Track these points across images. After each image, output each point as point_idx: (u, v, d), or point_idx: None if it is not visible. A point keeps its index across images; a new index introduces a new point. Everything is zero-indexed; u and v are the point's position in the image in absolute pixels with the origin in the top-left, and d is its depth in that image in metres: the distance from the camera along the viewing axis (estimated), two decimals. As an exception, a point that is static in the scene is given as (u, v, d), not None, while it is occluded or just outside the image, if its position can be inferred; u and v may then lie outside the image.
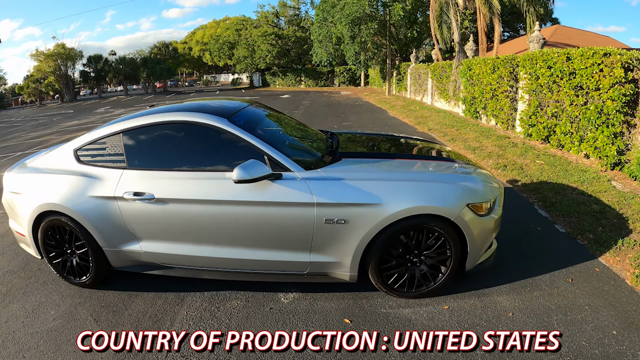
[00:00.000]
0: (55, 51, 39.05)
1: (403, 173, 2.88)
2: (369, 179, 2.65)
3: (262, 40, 35.87)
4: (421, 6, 21.72)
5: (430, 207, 2.55)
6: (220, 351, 2.44)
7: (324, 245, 2.65)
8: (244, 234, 2.71)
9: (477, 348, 2.33)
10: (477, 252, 2.77)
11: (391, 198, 2.53)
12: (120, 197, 2.77)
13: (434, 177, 2.82)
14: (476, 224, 2.66)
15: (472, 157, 6.66)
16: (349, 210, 2.54)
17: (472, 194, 2.70)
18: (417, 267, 2.77)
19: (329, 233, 2.60)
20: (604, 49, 5.47)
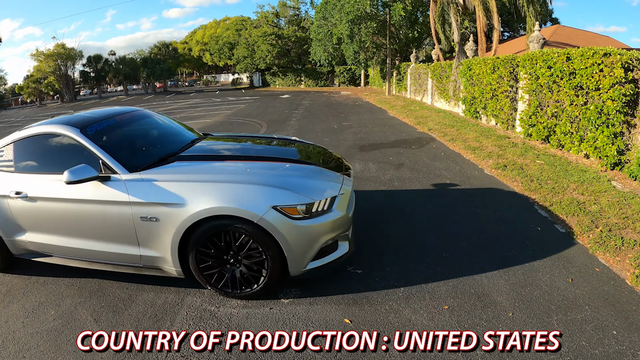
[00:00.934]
0: (55, 51, 39.06)
1: (216, 175, 2.96)
2: (179, 180, 2.84)
3: (262, 40, 35.87)
4: (421, 6, 21.71)
5: (229, 208, 2.62)
6: (220, 351, 2.44)
7: (147, 241, 2.87)
8: (85, 228, 3.06)
9: (477, 348, 2.34)
10: (300, 257, 2.75)
11: (194, 199, 2.67)
12: (7, 195, 3.20)
13: (243, 179, 2.86)
14: (289, 227, 2.65)
15: (472, 157, 6.67)
16: (158, 209, 2.74)
17: (280, 196, 2.69)
18: (236, 268, 2.84)
19: (147, 230, 2.82)
20: (604, 49, 5.47)
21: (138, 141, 3.56)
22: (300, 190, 2.78)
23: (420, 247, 3.60)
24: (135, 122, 3.83)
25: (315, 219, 2.75)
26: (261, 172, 3.04)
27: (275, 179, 2.90)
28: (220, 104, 21.58)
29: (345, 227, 2.98)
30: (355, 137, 9.24)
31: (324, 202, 2.81)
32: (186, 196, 2.70)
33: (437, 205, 4.59)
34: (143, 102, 29.19)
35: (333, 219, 2.82)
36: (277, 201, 2.66)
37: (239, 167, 3.17)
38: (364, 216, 4.36)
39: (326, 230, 2.80)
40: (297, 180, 2.94)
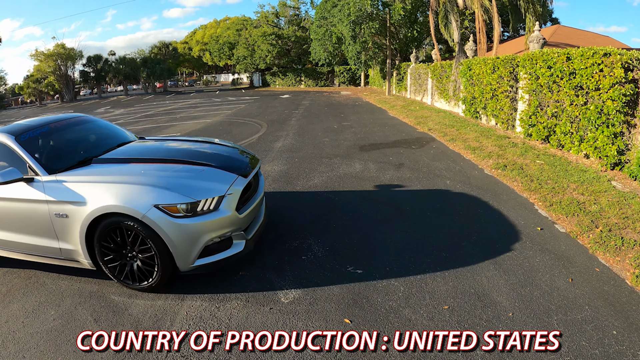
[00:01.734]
0: (55, 51, 39.06)
1: (115, 177, 3.21)
2: (85, 181, 3.14)
3: (262, 40, 35.87)
4: (421, 6, 21.72)
5: (118, 206, 2.89)
6: (221, 351, 2.44)
7: (63, 235, 3.17)
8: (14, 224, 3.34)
9: (477, 348, 2.34)
10: (186, 254, 2.95)
11: (93, 198, 2.98)
12: None
13: (134, 180, 3.09)
14: (171, 225, 2.88)
15: (472, 157, 6.68)
16: (67, 206, 3.06)
17: (162, 196, 2.91)
18: (134, 262, 3.09)
19: (61, 225, 3.13)
20: (604, 49, 5.47)
21: (64, 146, 3.83)
22: (183, 190, 2.99)
23: (420, 247, 3.60)
24: (69, 128, 4.09)
25: (199, 218, 2.95)
26: (152, 174, 3.23)
27: (163, 180, 3.11)
28: (220, 104, 21.59)
29: (236, 226, 3.16)
30: (355, 137, 9.24)
31: (210, 201, 3.01)
32: (87, 195, 3.01)
33: (437, 205, 4.58)
34: (143, 102, 29.19)
35: (218, 217, 3.01)
36: (160, 200, 2.89)
37: (137, 169, 3.35)
38: (364, 216, 4.37)
39: (211, 228, 2.99)
40: (183, 181, 3.14)
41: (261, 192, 3.77)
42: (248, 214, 3.32)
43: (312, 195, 5.14)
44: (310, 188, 5.42)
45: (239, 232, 3.19)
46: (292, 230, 4.09)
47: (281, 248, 3.71)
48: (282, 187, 5.51)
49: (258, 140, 9.48)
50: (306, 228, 4.12)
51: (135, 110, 21.95)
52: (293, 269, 3.32)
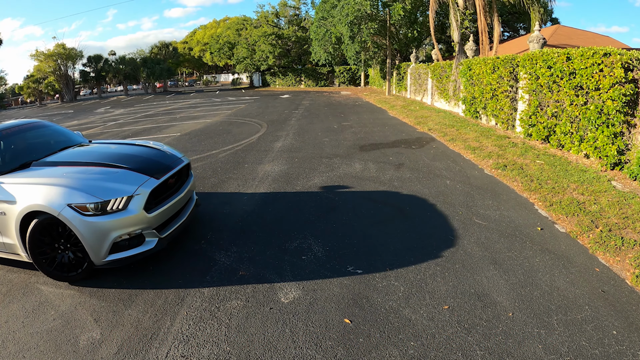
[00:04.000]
0: (56, 51, 39.06)
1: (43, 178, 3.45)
2: (19, 182, 3.40)
3: (262, 40, 35.86)
4: (421, 6, 21.71)
5: (39, 204, 3.17)
6: (221, 351, 2.44)
7: (4, 230, 3.42)
8: None
9: (477, 347, 2.34)
10: (96, 249, 3.21)
11: (22, 197, 3.26)
12: None
13: (55, 182, 3.33)
14: (81, 222, 3.15)
15: (472, 157, 6.68)
16: (3, 205, 3.33)
17: (74, 196, 3.19)
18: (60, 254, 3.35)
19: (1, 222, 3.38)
20: (604, 49, 5.47)
21: (9, 151, 4.01)
22: (93, 191, 3.25)
23: (420, 247, 3.60)
24: (20, 133, 4.31)
25: (107, 217, 3.21)
26: (71, 176, 3.48)
27: (78, 181, 3.36)
28: (220, 104, 21.58)
29: (145, 225, 3.37)
30: (355, 137, 9.24)
31: (119, 201, 3.26)
32: (19, 195, 3.29)
33: (437, 205, 4.58)
34: (143, 102, 29.18)
35: (126, 216, 3.25)
36: (72, 200, 3.17)
37: (61, 172, 3.59)
38: (364, 216, 4.37)
39: (118, 226, 3.23)
40: (95, 182, 3.38)
41: (183, 192, 3.92)
42: (160, 213, 3.50)
43: (312, 195, 5.14)
44: (310, 188, 5.42)
45: (150, 231, 3.39)
46: (292, 230, 4.09)
47: (281, 248, 3.71)
48: (282, 188, 5.51)
49: (258, 140, 9.48)
50: (306, 228, 4.12)
51: (135, 110, 21.94)
52: (293, 269, 3.32)
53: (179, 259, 3.59)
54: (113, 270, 3.45)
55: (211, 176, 6.29)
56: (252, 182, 5.83)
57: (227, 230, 4.16)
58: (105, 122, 16.43)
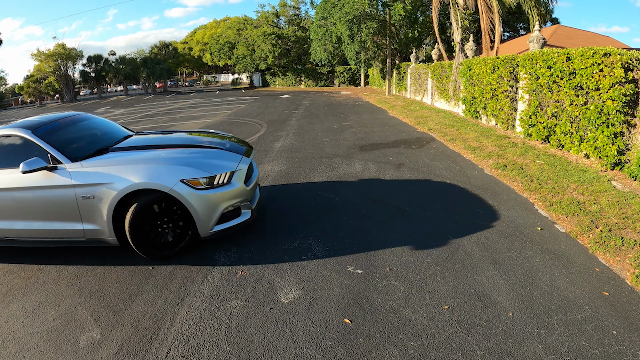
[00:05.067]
0: (56, 51, 39.06)
1: (138, 160, 3.61)
2: (110, 165, 3.52)
3: (262, 40, 35.86)
4: (421, 6, 21.71)
5: (147, 183, 3.33)
6: (221, 350, 2.44)
7: (89, 216, 3.49)
8: (36, 211, 3.59)
9: (477, 347, 2.34)
10: (206, 221, 3.49)
11: (120, 179, 3.36)
12: None
13: (159, 162, 3.57)
14: (195, 196, 3.40)
15: (472, 157, 6.68)
16: (94, 189, 3.41)
17: (186, 172, 3.44)
18: (163, 232, 3.56)
19: (88, 206, 3.46)
20: (604, 49, 5.47)
21: (76, 138, 4.14)
22: (202, 167, 3.53)
23: (420, 246, 3.60)
24: (75, 124, 4.41)
25: (216, 189, 3.49)
26: (173, 156, 3.72)
27: (184, 160, 3.62)
28: (220, 104, 21.59)
29: (245, 197, 3.72)
30: (355, 137, 9.24)
31: (224, 175, 3.58)
32: (114, 177, 3.38)
33: (437, 205, 4.58)
34: (143, 102, 29.18)
35: (231, 189, 3.58)
36: (184, 175, 3.41)
37: (157, 153, 3.80)
38: (364, 216, 4.37)
39: (226, 198, 3.54)
40: (200, 160, 3.67)
41: (256, 173, 4.30)
42: (252, 187, 3.89)
43: (312, 195, 5.14)
44: (310, 188, 5.42)
45: (246, 203, 3.75)
46: (292, 230, 4.09)
47: (281, 248, 3.71)
48: (283, 188, 5.50)
49: (258, 140, 9.48)
50: (306, 228, 4.12)
51: (135, 110, 21.95)
52: (293, 269, 3.32)
53: (179, 259, 3.59)
54: (113, 270, 3.46)
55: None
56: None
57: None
58: (105, 122, 16.40)
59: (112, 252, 3.79)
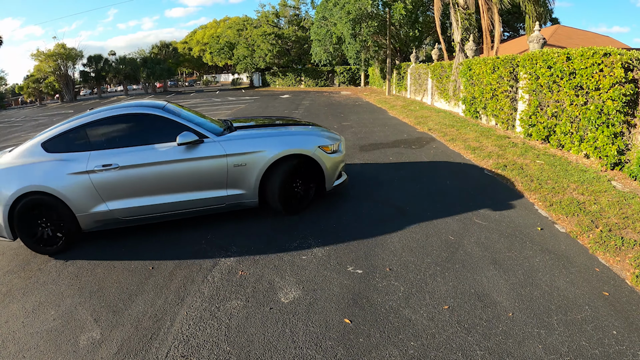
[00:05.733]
0: (56, 51, 39.06)
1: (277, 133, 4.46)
2: (253, 137, 4.26)
3: (262, 40, 35.86)
4: (421, 6, 21.71)
5: (296, 149, 4.20)
6: (221, 350, 2.44)
7: (235, 183, 4.06)
8: (184, 182, 3.93)
9: (477, 347, 2.34)
10: (331, 178, 4.53)
11: (270, 147, 4.12)
12: (92, 170, 3.74)
13: (297, 133, 4.51)
14: (328, 158, 4.41)
15: (472, 157, 6.68)
16: (246, 157, 4.05)
17: (321, 141, 4.42)
18: (301, 190, 4.43)
19: (237, 173, 4.04)
20: (604, 49, 5.47)
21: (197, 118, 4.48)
22: (327, 138, 4.53)
23: (420, 246, 3.60)
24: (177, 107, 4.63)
25: (335, 154, 4.53)
26: (301, 130, 4.70)
27: (312, 132, 4.60)
28: (220, 104, 21.58)
29: (344, 162, 4.84)
30: (355, 137, 9.24)
31: (337, 144, 4.61)
32: (265, 146, 4.11)
33: (437, 205, 4.58)
34: (143, 102, 29.15)
35: (342, 155, 4.68)
36: (320, 143, 4.39)
37: (284, 130, 4.63)
38: (364, 215, 4.36)
39: (340, 162, 4.64)
40: (322, 133, 4.64)
41: None
42: None
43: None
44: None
45: (344, 167, 4.83)
46: (292, 229, 4.09)
47: (281, 248, 3.71)
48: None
49: (258, 140, 9.47)
50: (306, 228, 4.12)
51: (135, 110, 21.91)
52: (293, 269, 3.32)
53: (180, 259, 3.59)
54: (113, 270, 3.46)
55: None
56: (252, 182, 5.83)
57: (227, 229, 4.16)
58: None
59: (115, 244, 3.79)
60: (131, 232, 4.18)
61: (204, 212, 4.12)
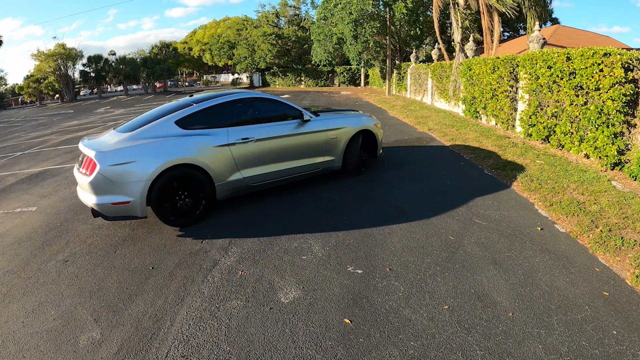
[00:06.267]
0: (56, 51, 39.04)
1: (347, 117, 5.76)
2: (339, 118, 5.60)
3: (262, 40, 35.84)
4: (421, 5, 21.71)
5: (363, 126, 5.77)
6: (221, 350, 2.44)
7: (329, 151, 5.42)
8: (298, 151, 5.06)
9: (477, 346, 2.34)
10: (380, 146, 6.22)
11: (353, 123, 5.65)
12: (232, 143, 4.42)
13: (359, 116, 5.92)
14: (378, 131, 6.05)
15: (472, 157, 6.68)
16: (338, 131, 5.47)
17: (373, 120, 6.05)
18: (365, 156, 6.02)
19: (331, 144, 5.41)
20: (604, 49, 5.47)
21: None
22: (374, 119, 6.15)
23: (420, 246, 3.60)
24: None
25: (380, 130, 6.18)
26: (360, 113, 6.10)
27: (366, 115, 6.12)
28: (220, 104, 21.54)
29: None
30: (355, 137, 9.23)
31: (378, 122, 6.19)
32: (348, 124, 5.58)
33: (437, 205, 4.58)
34: (143, 102, 29.18)
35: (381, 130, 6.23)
36: (374, 122, 6.03)
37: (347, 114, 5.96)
38: (364, 215, 4.36)
39: (381, 135, 6.24)
40: (369, 116, 6.17)
41: None
42: None
43: (311, 195, 5.14)
44: (310, 188, 5.42)
45: None
46: (292, 230, 4.09)
47: (281, 248, 3.71)
48: (283, 188, 5.50)
49: (258, 140, 9.46)
50: (306, 228, 4.12)
51: (136, 110, 21.94)
52: (293, 269, 3.32)
53: (179, 259, 3.59)
54: (113, 270, 3.46)
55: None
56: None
57: (226, 229, 4.16)
58: (105, 122, 16.44)
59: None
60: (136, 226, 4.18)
61: (305, 176, 5.24)
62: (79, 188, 4.08)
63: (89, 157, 3.85)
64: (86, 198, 3.92)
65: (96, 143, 4.10)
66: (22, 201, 5.77)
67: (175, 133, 4.18)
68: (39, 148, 10.85)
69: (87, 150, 3.91)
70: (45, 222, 4.77)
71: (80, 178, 3.90)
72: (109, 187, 3.77)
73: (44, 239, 4.28)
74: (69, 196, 5.80)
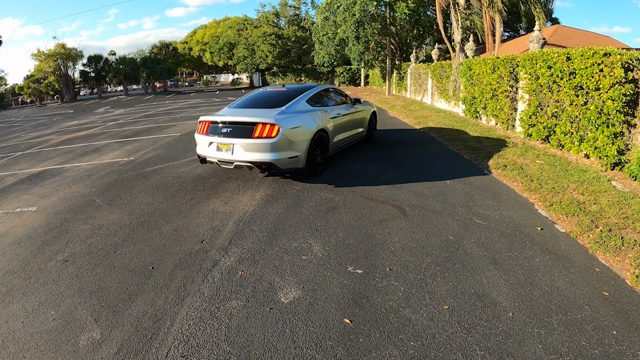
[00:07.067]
0: (56, 51, 39.07)
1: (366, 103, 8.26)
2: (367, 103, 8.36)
3: (262, 40, 35.84)
4: (421, 6, 21.69)
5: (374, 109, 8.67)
6: (221, 350, 2.44)
7: (362, 124, 7.92)
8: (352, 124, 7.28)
9: (477, 346, 2.34)
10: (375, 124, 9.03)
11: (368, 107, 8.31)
12: (335, 116, 6.46)
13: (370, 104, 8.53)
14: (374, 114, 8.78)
15: (472, 157, 6.68)
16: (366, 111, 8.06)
17: (374, 107, 8.61)
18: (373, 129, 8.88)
19: (363, 120, 7.94)
20: (604, 49, 5.47)
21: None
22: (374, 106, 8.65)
23: (420, 247, 3.60)
24: None
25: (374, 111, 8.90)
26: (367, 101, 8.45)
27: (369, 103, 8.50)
28: (221, 104, 21.57)
29: None
30: (355, 137, 9.24)
31: None
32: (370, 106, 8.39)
33: (437, 205, 4.58)
34: (143, 102, 29.19)
35: None
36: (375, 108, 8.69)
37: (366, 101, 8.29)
38: (364, 215, 4.36)
39: None
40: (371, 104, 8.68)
41: None
42: None
43: (312, 195, 5.14)
44: (310, 188, 5.42)
45: None
46: (292, 230, 4.09)
47: (281, 248, 3.71)
48: (282, 188, 5.51)
49: (258, 140, 9.47)
50: (306, 228, 4.12)
51: (135, 110, 21.95)
52: (293, 269, 3.32)
53: (179, 259, 3.59)
54: (113, 270, 3.46)
55: (211, 176, 6.29)
56: (252, 182, 5.83)
57: (226, 230, 4.16)
58: (105, 122, 16.44)
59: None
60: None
61: (353, 142, 7.53)
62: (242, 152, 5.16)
63: (267, 123, 5.08)
64: (261, 157, 5.10)
65: (258, 113, 5.47)
66: (22, 201, 5.77)
67: (309, 109, 5.89)
68: (39, 148, 10.85)
69: (256, 119, 5.18)
70: (45, 222, 4.77)
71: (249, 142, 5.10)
72: (286, 145, 5.17)
73: (43, 239, 4.28)
74: (69, 196, 5.80)
